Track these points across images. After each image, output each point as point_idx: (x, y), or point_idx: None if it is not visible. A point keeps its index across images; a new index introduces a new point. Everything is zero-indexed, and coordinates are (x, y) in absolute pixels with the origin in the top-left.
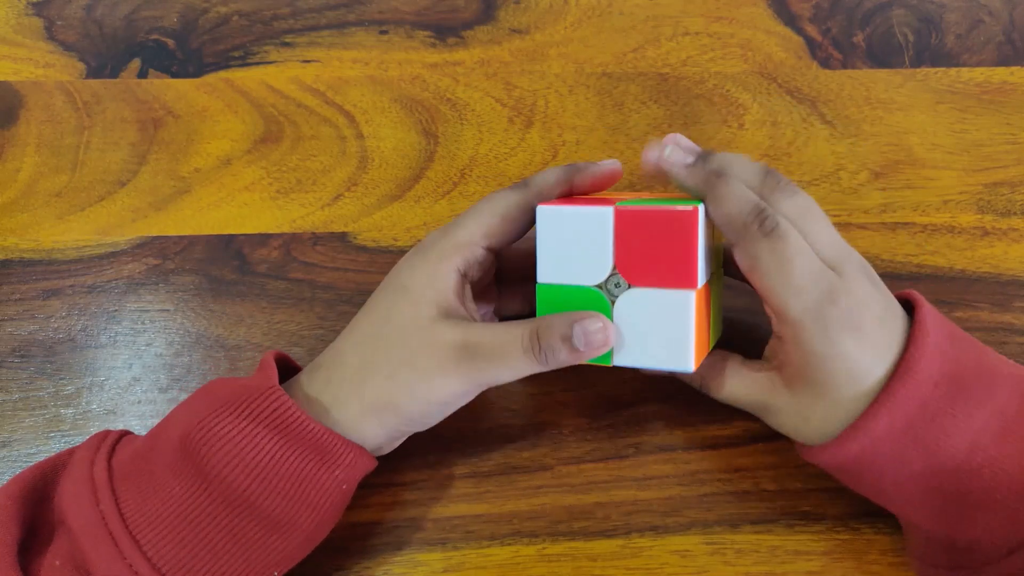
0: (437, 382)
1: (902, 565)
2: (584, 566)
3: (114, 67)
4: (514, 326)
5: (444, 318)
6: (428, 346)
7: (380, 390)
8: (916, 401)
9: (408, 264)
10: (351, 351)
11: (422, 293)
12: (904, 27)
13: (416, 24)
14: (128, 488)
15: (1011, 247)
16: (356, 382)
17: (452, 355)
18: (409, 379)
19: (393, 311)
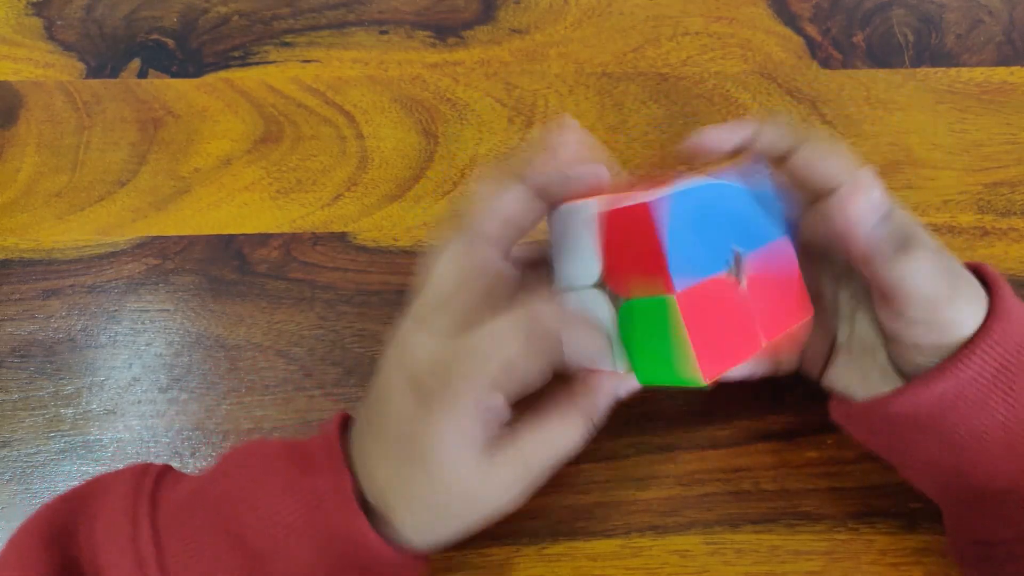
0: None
1: (903, 565)
2: (584, 566)
3: (114, 67)
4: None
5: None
6: (492, 490)
7: (451, 534)
8: (1013, 343)
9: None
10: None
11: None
12: (904, 27)
13: (416, 24)
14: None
15: (1011, 247)
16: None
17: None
18: (480, 518)
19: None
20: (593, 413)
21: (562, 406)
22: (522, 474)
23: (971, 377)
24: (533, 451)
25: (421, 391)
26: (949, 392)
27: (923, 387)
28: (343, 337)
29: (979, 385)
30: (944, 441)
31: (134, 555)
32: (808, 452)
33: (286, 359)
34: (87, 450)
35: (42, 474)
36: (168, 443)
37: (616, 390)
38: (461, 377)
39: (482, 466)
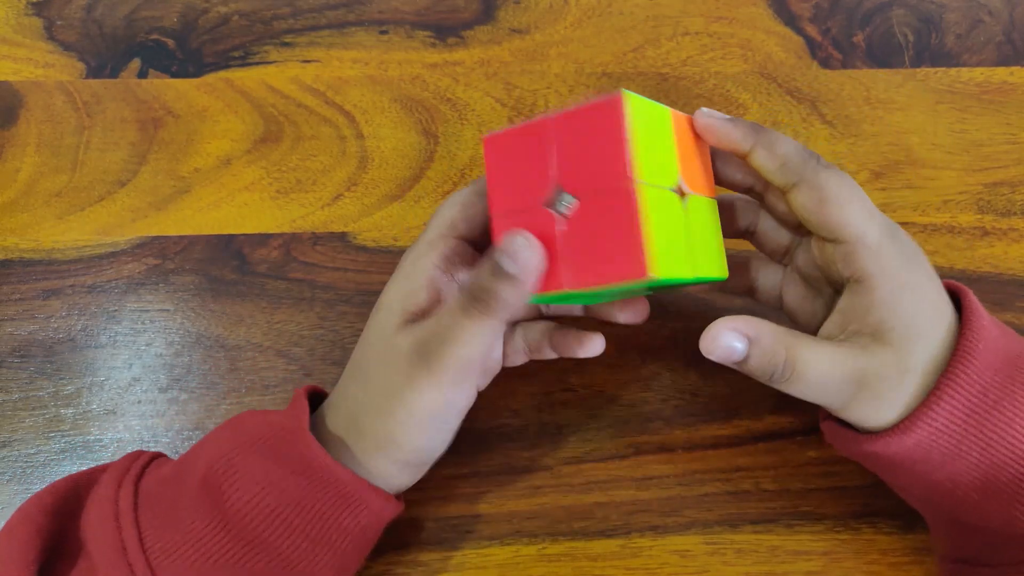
0: (409, 397)
1: (903, 565)
2: (584, 566)
3: (114, 67)
4: (449, 297)
5: (406, 325)
6: (393, 361)
7: (375, 426)
8: (978, 386)
9: (388, 283)
10: (348, 384)
11: (389, 306)
12: (904, 27)
13: (416, 24)
14: (151, 518)
15: (1011, 247)
16: (357, 420)
17: (410, 360)
18: (390, 405)
19: (369, 332)
20: (479, 287)
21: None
22: (419, 357)
23: (941, 426)
24: (428, 330)
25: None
26: (923, 441)
27: (896, 437)
28: (343, 337)
29: (951, 432)
30: (920, 482)
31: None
32: (808, 452)
33: (286, 359)
34: (87, 450)
35: (42, 474)
36: (168, 443)
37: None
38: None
39: (396, 332)
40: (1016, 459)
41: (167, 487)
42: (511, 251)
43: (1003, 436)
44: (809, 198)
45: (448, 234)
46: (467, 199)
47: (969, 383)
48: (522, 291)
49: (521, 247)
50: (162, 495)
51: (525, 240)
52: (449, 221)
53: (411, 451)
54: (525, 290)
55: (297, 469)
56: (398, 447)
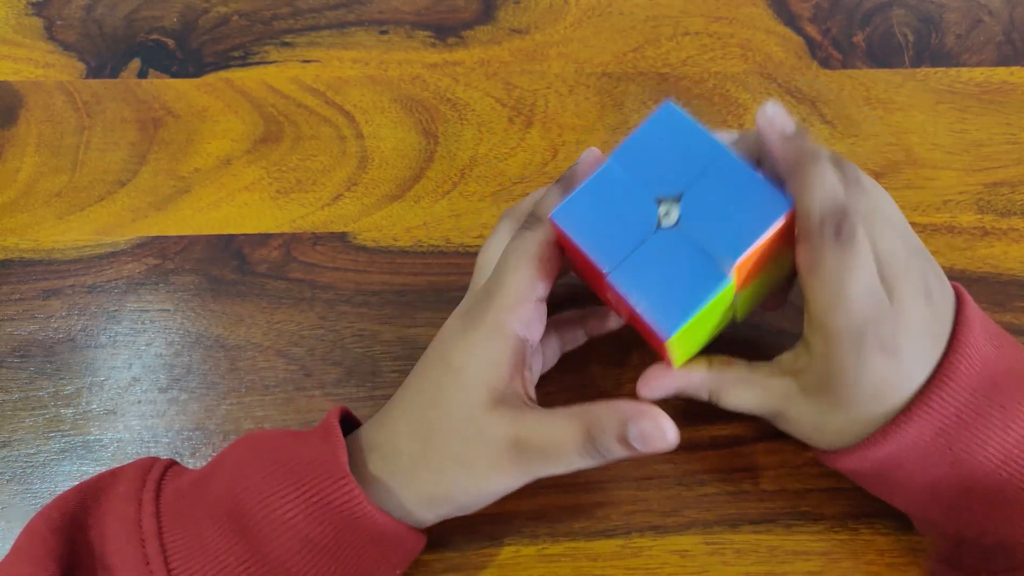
0: (490, 480)
1: (901, 565)
2: (584, 566)
3: (114, 67)
4: (567, 421)
5: (495, 406)
6: (479, 442)
7: (433, 485)
8: (952, 409)
9: (459, 338)
10: (405, 435)
11: (474, 376)
12: (904, 27)
13: (416, 24)
14: (177, 543)
15: (1011, 247)
16: (411, 474)
17: (504, 453)
18: (462, 479)
19: (442, 395)
20: (593, 425)
21: (571, 408)
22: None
23: (910, 442)
24: (530, 427)
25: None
26: (893, 455)
27: (868, 449)
28: (343, 337)
29: (919, 447)
30: (895, 493)
31: (137, 536)
32: (808, 452)
33: (286, 359)
34: (87, 450)
35: (42, 474)
36: (168, 443)
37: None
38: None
39: (483, 413)
40: (989, 475)
41: (191, 509)
42: (645, 435)
43: (975, 455)
44: (804, 259)
45: (530, 299)
46: (545, 251)
47: (943, 406)
48: (635, 456)
49: (654, 434)
50: (187, 519)
51: (658, 426)
52: (530, 282)
53: (459, 509)
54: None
55: (340, 517)
56: (450, 505)
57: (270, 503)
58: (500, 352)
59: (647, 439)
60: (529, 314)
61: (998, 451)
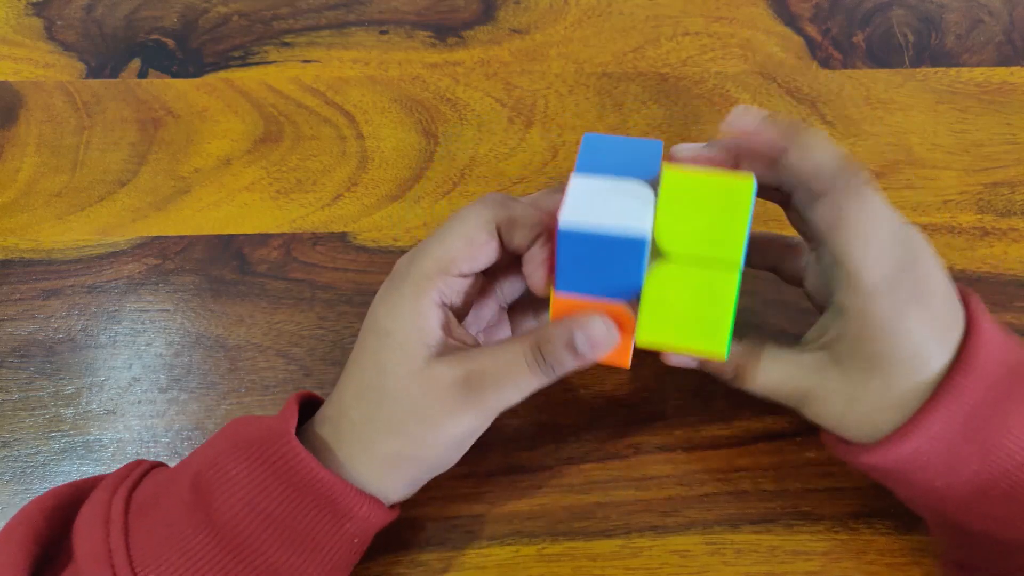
0: (447, 425)
1: (902, 565)
2: (584, 566)
3: (114, 67)
4: (512, 343)
5: (436, 357)
6: (429, 392)
7: (390, 445)
8: (978, 396)
9: (384, 303)
10: (352, 405)
11: (407, 336)
12: (904, 27)
13: (416, 24)
14: (141, 524)
15: (1011, 247)
16: (364, 437)
17: (456, 393)
18: (418, 430)
19: (383, 360)
20: (543, 342)
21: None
22: (464, 385)
23: (936, 434)
24: (478, 361)
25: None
26: (920, 449)
27: (894, 445)
28: (343, 337)
29: (946, 440)
30: (920, 489)
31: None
32: (808, 452)
33: (286, 359)
34: (87, 450)
35: (42, 474)
36: (168, 443)
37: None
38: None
39: (425, 366)
40: (1016, 468)
41: (160, 494)
42: (592, 337)
43: (1002, 446)
44: (826, 217)
45: (449, 271)
46: (476, 236)
47: (967, 395)
48: (585, 365)
49: (601, 335)
50: (155, 502)
51: (605, 328)
52: (451, 255)
53: (427, 468)
54: (588, 364)
55: (284, 475)
56: (415, 465)
57: (221, 467)
58: (424, 316)
59: (595, 343)
60: (447, 287)
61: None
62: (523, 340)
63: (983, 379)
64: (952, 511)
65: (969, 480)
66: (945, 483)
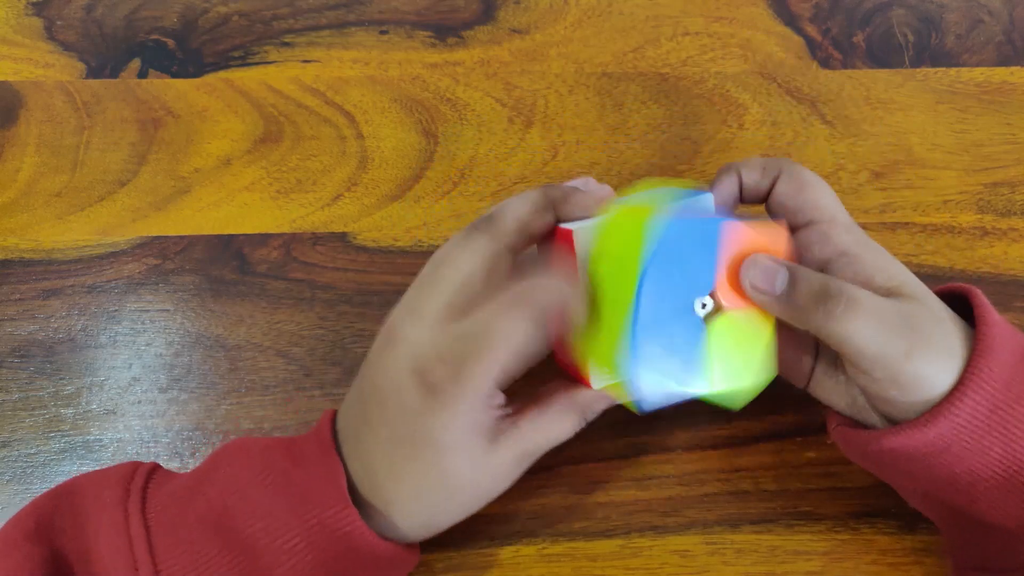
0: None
1: (903, 565)
2: (584, 566)
3: (114, 67)
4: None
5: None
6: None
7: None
8: (1001, 380)
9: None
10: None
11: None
12: (904, 27)
13: (416, 24)
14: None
15: (1011, 247)
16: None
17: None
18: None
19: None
20: (587, 409)
21: (561, 400)
22: (520, 461)
23: (964, 421)
24: (532, 439)
25: (429, 382)
26: (944, 435)
27: (916, 430)
28: (343, 337)
29: (973, 428)
30: (940, 479)
31: (126, 542)
32: (808, 452)
33: (286, 359)
34: (87, 450)
35: (42, 474)
36: (168, 443)
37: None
38: (473, 360)
39: (487, 455)
40: None
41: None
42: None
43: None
44: (789, 185)
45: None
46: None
47: (992, 377)
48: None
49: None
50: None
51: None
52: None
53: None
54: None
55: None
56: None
57: (273, 530)
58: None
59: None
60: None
61: None
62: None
63: (1006, 363)
64: (968, 501)
65: (990, 467)
66: (966, 469)
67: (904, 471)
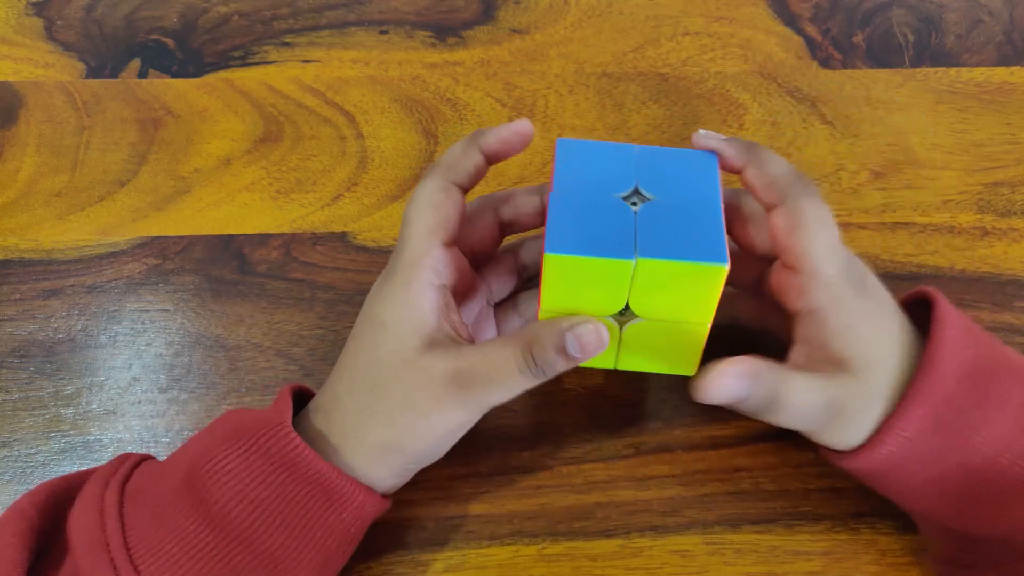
0: (436, 417)
1: (902, 565)
2: (584, 566)
3: (114, 67)
4: (503, 344)
5: (429, 348)
6: (420, 383)
7: (381, 434)
8: (942, 395)
9: (379, 295)
10: (346, 395)
11: (400, 326)
12: (904, 27)
13: (416, 24)
14: (136, 515)
15: (1011, 247)
16: (357, 427)
17: (446, 387)
18: (408, 420)
19: (378, 350)
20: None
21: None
22: (456, 381)
23: (911, 436)
24: (468, 359)
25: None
26: (895, 453)
27: (866, 453)
28: (343, 337)
29: (922, 442)
30: (902, 488)
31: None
32: (807, 453)
33: (286, 359)
34: (87, 450)
35: (42, 474)
36: (168, 443)
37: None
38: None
39: (419, 354)
40: (989, 462)
41: (153, 485)
42: (582, 340)
43: (973, 443)
44: (785, 221)
45: (434, 245)
46: (435, 199)
47: (932, 393)
48: (573, 365)
49: (591, 337)
50: (148, 493)
51: (595, 330)
52: (428, 229)
53: (415, 459)
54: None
55: (280, 464)
56: (404, 455)
57: (215, 458)
58: (418, 301)
59: (585, 345)
60: (436, 261)
61: (994, 437)
62: (514, 341)
63: (946, 381)
64: (933, 509)
65: (944, 478)
66: (922, 481)
67: (873, 485)
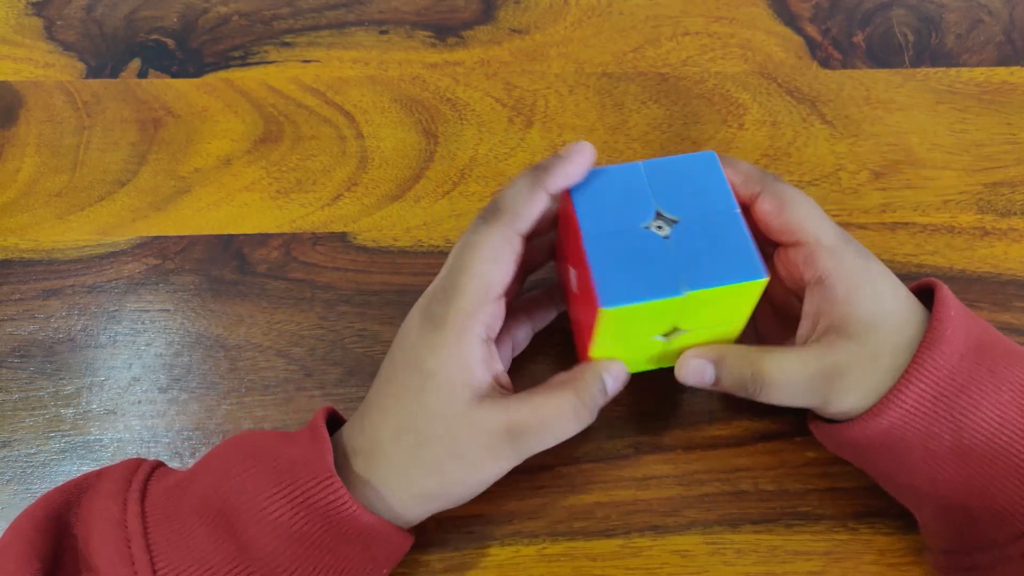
0: (488, 468)
1: (902, 565)
2: (584, 566)
3: (114, 67)
4: (551, 395)
5: (480, 401)
6: (472, 435)
7: (428, 484)
8: (946, 370)
9: (426, 343)
10: (389, 442)
11: (452, 378)
12: (904, 27)
13: (416, 24)
14: (163, 543)
15: (1011, 247)
16: (402, 475)
17: (499, 439)
18: (458, 470)
19: (426, 399)
20: (583, 389)
21: (554, 379)
22: (506, 435)
23: (911, 408)
24: (519, 411)
25: (429, 312)
26: (896, 424)
27: (869, 421)
28: (343, 337)
29: (921, 415)
30: (902, 467)
31: (123, 536)
32: (808, 452)
33: (286, 359)
34: (87, 450)
35: (42, 474)
36: (168, 443)
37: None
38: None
39: (469, 407)
40: (987, 439)
41: (177, 510)
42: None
43: (972, 418)
44: (771, 204)
45: (489, 300)
46: (497, 253)
47: (936, 367)
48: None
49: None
50: (173, 519)
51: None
52: (487, 285)
53: (453, 502)
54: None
55: (325, 518)
56: (446, 500)
57: (257, 503)
58: (469, 354)
59: (617, 379)
60: (490, 316)
61: (993, 414)
62: (565, 394)
63: (950, 356)
64: (931, 487)
65: (943, 453)
66: (921, 456)
67: (871, 461)
